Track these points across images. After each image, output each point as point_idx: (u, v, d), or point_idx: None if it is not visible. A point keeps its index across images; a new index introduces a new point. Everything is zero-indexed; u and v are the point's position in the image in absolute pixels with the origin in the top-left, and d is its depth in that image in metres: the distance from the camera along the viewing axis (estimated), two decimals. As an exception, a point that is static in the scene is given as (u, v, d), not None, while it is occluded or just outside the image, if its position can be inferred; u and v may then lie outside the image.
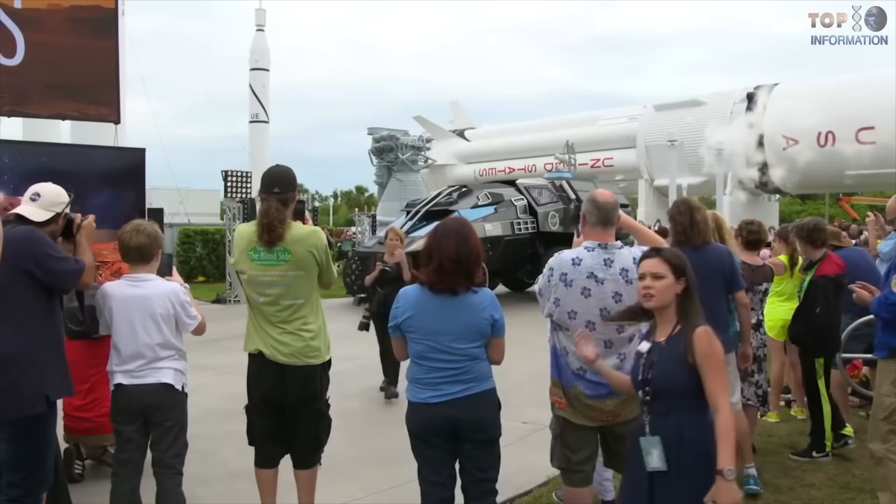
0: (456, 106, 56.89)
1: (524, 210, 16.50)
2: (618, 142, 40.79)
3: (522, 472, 4.92)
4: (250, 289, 3.67)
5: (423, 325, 3.20)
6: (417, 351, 3.25)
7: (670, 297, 2.85)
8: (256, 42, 37.87)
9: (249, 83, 37.21)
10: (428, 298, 3.21)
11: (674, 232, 4.42)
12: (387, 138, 40.30)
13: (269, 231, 3.58)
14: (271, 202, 3.63)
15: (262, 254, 3.63)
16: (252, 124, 37.10)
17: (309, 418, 3.76)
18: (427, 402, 3.21)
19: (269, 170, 3.86)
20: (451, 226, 3.27)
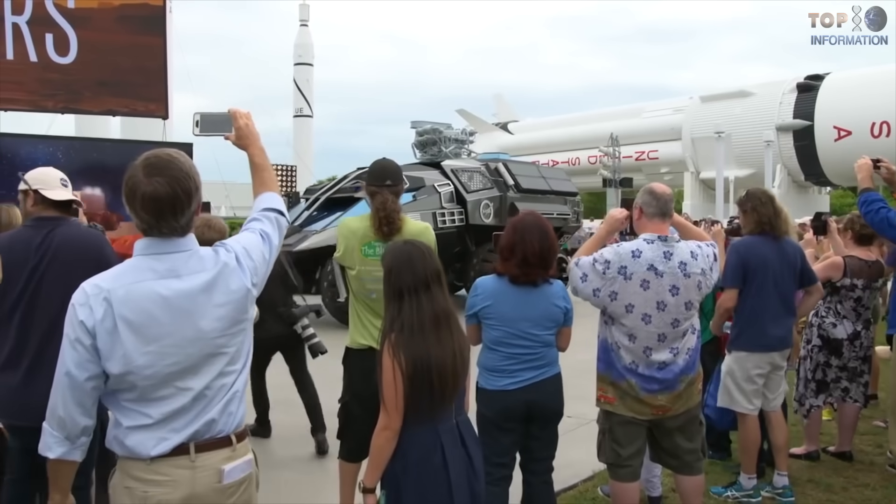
0: (499, 99, 56.69)
1: (450, 198, 13.68)
2: (663, 134, 40.25)
3: (567, 466, 4.86)
4: (360, 284, 3.66)
5: (502, 313, 3.36)
6: (495, 337, 3.39)
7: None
8: (300, 37, 38.24)
9: (294, 78, 37.60)
10: (507, 288, 3.38)
11: (755, 222, 4.36)
12: (430, 132, 40.22)
13: (388, 223, 3.60)
14: (385, 195, 3.64)
15: (377, 248, 3.62)
16: (296, 119, 37.50)
17: None
18: (505, 390, 3.36)
19: (377, 163, 3.86)
20: (532, 221, 3.40)
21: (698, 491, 3.69)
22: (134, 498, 1.89)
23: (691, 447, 3.62)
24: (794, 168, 35.41)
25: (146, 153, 1.95)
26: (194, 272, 1.95)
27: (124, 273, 1.90)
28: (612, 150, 33.65)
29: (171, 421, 1.91)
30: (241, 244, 2.08)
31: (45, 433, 1.86)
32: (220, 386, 1.98)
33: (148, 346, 1.87)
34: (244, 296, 2.03)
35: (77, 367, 1.84)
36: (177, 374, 1.91)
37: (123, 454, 1.91)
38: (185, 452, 1.91)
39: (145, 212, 1.88)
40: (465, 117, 47.62)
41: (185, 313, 1.91)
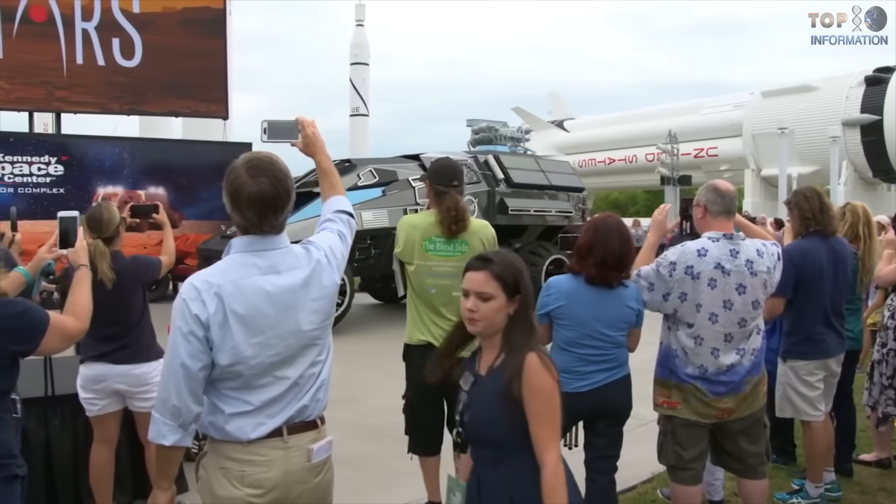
0: (554, 96, 56.27)
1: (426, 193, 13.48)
2: (722, 130, 39.33)
3: (626, 467, 4.78)
4: (419, 280, 3.71)
5: (576, 314, 3.38)
6: (568, 338, 3.41)
7: (501, 320, 2.19)
8: (356, 37, 38.54)
9: (350, 77, 37.92)
10: (582, 288, 3.39)
11: (801, 219, 4.24)
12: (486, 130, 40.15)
13: (457, 222, 3.66)
14: (454, 195, 3.71)
15: (438, 244, 3.69)
16: (352, 118, 37.80)
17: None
18: (578, 392, 3.35)
19: (442, 163, 3.92)
20: (613, 224, 3.42)
21: (762, 496, 3.60)
22: (230, 477, 2.01)
23: (755, 450, 3.54)
24: (862, 164, 34.23)
25: (245, 155, 2.06)
26: (292, 268, 2.08)
27: (231, 269, 2.00)
28: (671, 147, 33.06)
29: (268, 407, 2.04)
30: (327, 243, 2.21)
31: (157, 422, 1.95)
32: (311, 375, 2.12)
33: (254, 337, 1.99)
34: (335, 291, 2.19)
35: (191, 358, 1.93)
36: (277, 364, 2.04)
37: (220, 438, 2.04)
38: (278, 435, 2.04)
39: (250, 210, 1.99)
40: (521, 115, 47.37)
41: (287, 307, 2.04)
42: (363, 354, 8.76)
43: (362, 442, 5.36)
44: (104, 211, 3.75)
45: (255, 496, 2.01)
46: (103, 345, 3.72)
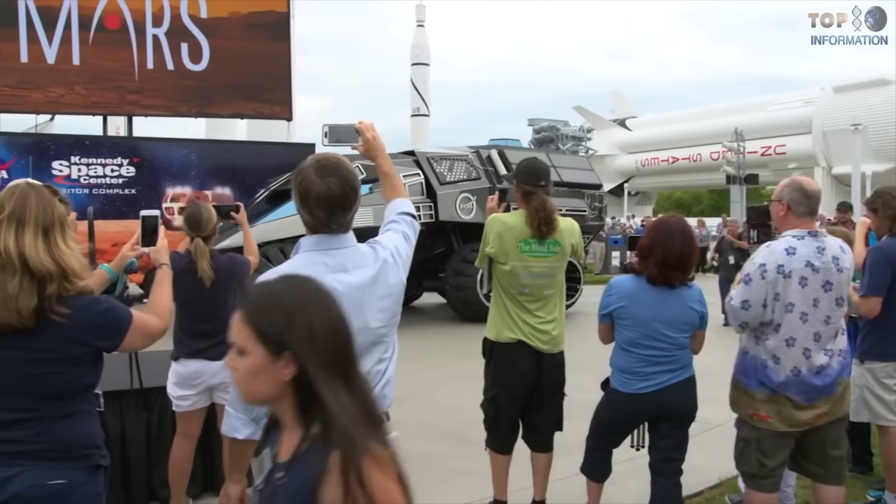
0: (616, 95, 55.59)
1: (419, 191, 11.96)
2: (791, 128, 38.25)
3: (693, 472, 4.70)
4: (512, 279, 3.73)
5: (637, 314, 3.40)
6: (629, 338, 3.44)
7: (270, 388, 1.39)
8: (417, 38, 38.81)
9: (411, 78, 38.21)
10: (644, 288, 3.41)
11: (891, 218, 4.09)
12: (547, 129, 40.20)
13: (547, 223, 3.67)
14: (542, 195, 3.72)
15: (532, 245, 3.71)
16: (413, 118, 38.09)
17: (555, 403, 3.90)
18: (640, 393, 3.42)
19: (529, 163, 3.93)
20: (676, 224, 3.43)
21: (839, 503, 3.48)
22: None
23: (838, 454, 3.44)
24: (940, 161, 32.90)
25: (313, 156, 2.11)
26: (359, 266, 2.11)
27: (302, 267, 2.01)
28: (737, 145, 32.31)
29: None
30: (393, 243, 2.24)
31: (231, 416, 2.00)
32: (377, 371, 2.15)
33: None
34: (401, 290, 2.22)
35: None
36: None
37: None
38: None
39: (319, 209, 2.03)
40: (583, 114, 46.98)
41: (356, 305, 2.03)
42: (425, 353, 8.80)
43: (424, 441, 5.38)
44: (203, 210, 3.86)
45: None
46: (200, 342, 3.82)
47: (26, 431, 2.00)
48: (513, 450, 3.95)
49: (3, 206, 1.99)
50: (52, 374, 2.02)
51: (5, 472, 1.96)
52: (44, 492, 1.97)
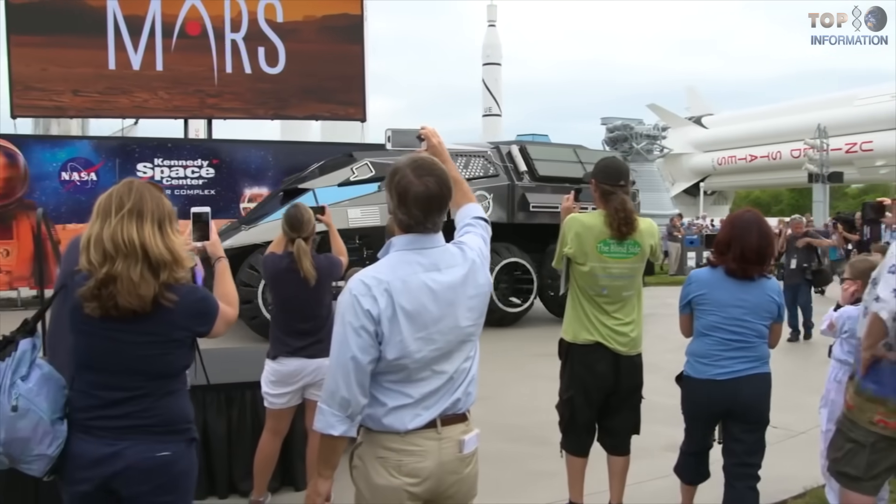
0: (692, 92, 54.36)
1: None
2: (879, 123, 36.64)
3: (775, 480, 4.56)
4: (591, 280, 3.70)
5: (716, 298, 3.49)
6: (710, 322, 3.50)
7: None
8: (488, 38, 38.80)
9: (482, 78, 38.22)
10: (722, 278, 3.51)
11: None
12: (621, 128, 39.57)
13: (626, 224, 3.63)
14: (622, 195, 3.68)
15: (612, 246, 3.67)
16: (485, 118, 38.10)
17: (633, 406, 3.86)
18: (715, 380, 3.45)
19: (608, 162, 3.89)
20: (751, 218, 3.52)
21: None
22: (388, 466, 2.10)
23: None
24: None
25: (408, 156, 2.18)
26: (451, 266, 2.16)
27: (397, 266, 2.09)
28: (820, 142, 31.15)
29: (426, 400, 2.13)
30: (476, 244, 2.29)
31: (325, 413, 2.05)
32: (464, 370, 2.20)
33: (419, 332, 2.08)
34: (489, 290, 2.26)
35: (361, 352, 2.03)
36: (436, 358, 2.12)
37: (377, 429, 2.12)
38: (433, 426, 2.13)
39: (417, 209, 2.08)
40: (657, 112, 46.11)
41: (448, 304, 2.12)
42: (498, 354, 8.77)
43: (500, 441, 5.35)
44: (303, 212, 3.94)
45: (412, 485, 2.10)
46: (299, 340, 3.88)
47: (136, 408, 2.17)
48: (589, 453, 3.90)
49: (124, 202, 2.16)
50: (160, 356, 2.20)
51: (118, 444, 2.14)
52: (152, 463, 2.17)
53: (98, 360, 2.17)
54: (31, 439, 2.10)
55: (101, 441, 2.14)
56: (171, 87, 15.38)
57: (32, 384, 2.13)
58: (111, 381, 2.17)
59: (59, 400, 2.18)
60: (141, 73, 15.28)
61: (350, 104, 16.47)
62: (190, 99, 15.52)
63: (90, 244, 2.13)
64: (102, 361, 2.17)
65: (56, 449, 2.13)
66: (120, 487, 2.16)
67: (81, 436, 2.15)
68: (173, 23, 15.34)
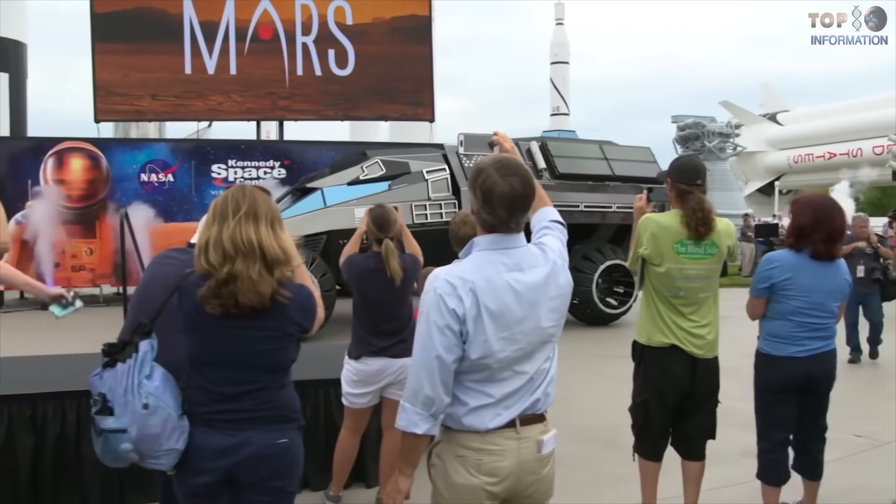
0: (766, 88, 52.82)
1: (444, 187, 10.86)
2: (969, 118, 34.94)
3: (857, 490, 4.41)
4: (667, 282, 3.64)
5: (802, 284, 3.59)
6: (793, 307, 3.62)
7: None
8: (556, 36, 38.51)
9: (550, 77, 37.97)
10: (805, 262, 3.61)
11: None
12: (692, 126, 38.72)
13: (704, 224, 3.57)
14: (698, 194, 3.62)
15: (689, 247, 3.61)
16: (553, 117, 37.81)
17: (709, 410, 3.78)
18: (793, 357, 3.60)
19: (685, 161, 3.85)
20: (829, 201, 3.72)
21: None
22: (467, 465, 2.12)
23: None
24: None
25: (491, 156, 2.20)
26: (533, 266, 2.17)
27: (482, 266, 2.11)
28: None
29: (506, 399, 2.14)
30: (556, 246, 2.30)
31: (409, 412, 2.08)
32: (544, 370, 2.21)
33: (502, 332, 2.09)
34: (570, 291, 2.27)
35: (446, 351, 2.05)
36: (518, 359, 2.13)
37: (457, 428, 2.14)
38: (512, 426, 2.14)
39: (502, 208, 2.09)
40: (730, 109, 44.94)
41: (531, 304, 2.13)
42: (566, 355, 8.63)
43: (571, 443, 5.30)
44: (389, 213, 3.99)
45: (491, 484, 2.11)
46: (383, 340, 3.92)
47: (255, 400, 2.29)
48: (662, 457, 3.83)
49: (240, 205, 2.26)
50: (275, 350, 2.32)
51: (241, 435, 2.26)
52: (273, 450, 2.29)
53: (218, 357, 2.27)
54: (160, 435, 2.20)
55: (224, 433, 2.25)
56: (244, 90, 15.77)
57: (158, 382, 2.24)
58: (231, 375, 2.27)
59: (179, 396, 2.28)
60: (215, 77, 15.72)
61: (418, 105, 16.60)
62: (262, 101, 15.89)
63: (209, 246, 2.22)
64: (222, 357, 2.27)
65: (183, 443, 2.24)
66: (242, 475, 2.27)
67: (203, 429, 2.26)
68: (246, 27, 15.73)
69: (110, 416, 2.21)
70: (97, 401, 2.25)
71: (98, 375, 2.27)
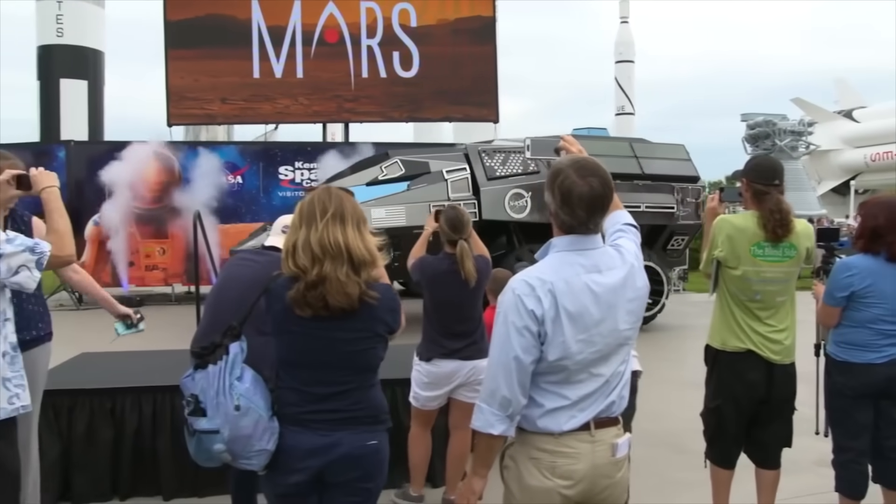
0: (841, 83, 51.05)
1: (464, 187, 10.69)
2: None
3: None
4: (743, 285, 3.57)
5: (883, 290, 3.46)
6: (874, 315, 3.48)
7: None
8: (621, 35, 37.98)
9: (615, 76, 37.48)
10: (883, 266, 3.47)
11: None
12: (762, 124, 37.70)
13: (782, 226, 3.50)
14: (776, 195, 3.55)
15: (766, 249, 3.53)
16: (618, 117, 37.29)
17: (785, 417, 3.70)
18: (872, 363, 3.46)
19: (761, 160, 3.77)
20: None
21: None
22: (541, 467, 2.11)
23: None
24: None
25: (569, 157, 2.23)
26: (610, 268, 2.15)
27: (560, 267, 2.11)
28: None
29: (581, 402, 2.13)
30: (632, 248, 2.29)
31: (485, 412, 2.09)
32: (619, 373, 2.19)
33: (581, 334, 2.08)
34: (646, 293, 2.25)
35: (524, 352, 2.05)
36: (595, 361, 2.12)
37: (531, 430, 2.13)
38: (586, 429, 2.12)
39: (582, 209, 2.09)
40: (802, 106, 43.58)
41: (610, 306, 2.12)
42: (631, 357, 8.59)
43: (638, 447, 5.21)
44: (462, 214, 4.02)
45: (565, 487, 2.09)
46: (455, 342, 3.93)
47: (346, 400, 2.31)
48: (735, 464, 3.74)
49: (327, 207, 2.28)
50: (365, 351, 2.34)
51: (333, 435, 2.28)
52: (363, 451, 2.31)
53: (308, 358, 2.29)
54: (252, 436, 2.23)
55: (316, 433, 2.27)
56: (310, 92, 16.05)
57: (248, 384, 2.28)
58: (322, 376, 2.30)
59: (269, 397, 2.31)
60: (282, 81, 16.04)
61: (483, 105, 16.62)
62: (328, 104, 16.14)
63: (298, 249, 2.24)
64: (313, 359, 2.29)
65: (273, 444, 2.27)
66: (332, 475, 2.29)
67: (295, 429, 2.28)
68: (312, 31, 16.01)
69: (203, 417, 2.26)
70: (189, 402, 2.29)
71: (190, 377, 2.32)
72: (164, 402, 4.19)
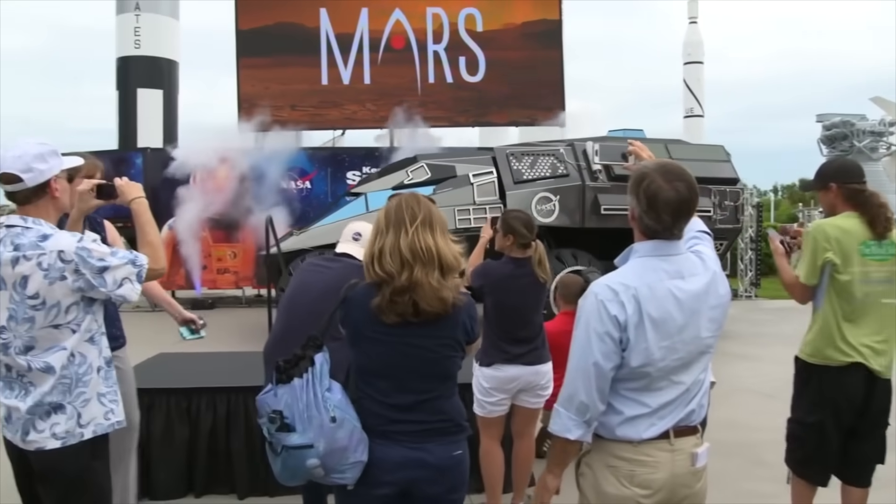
0: (924, 82, 48.99)
1: (490, 191, 10.58)
2: None
3: None
4: (850, 292, 3.42)
5: None
6: None
7: None
8: (690, 35, 37.22)
9: (683, 78, 36.76)
10: None
11: None
12: (839, 125, 36.48)
13: (889, 221, 3.43)
14: (872, 190, 3.50)
15: (872, 248, 3.43)
16: (686, 119, 36.54)
17: (881, 433, 3.55)
18: None
19: (843, 161, 3.74)
20: None
21: None
22: (619, 475, 2.08)
23: None
24: None
25: (655, 161, 2.20)
26: (693, 274, 2.13)
27: (644, 273, 2.08)
28: None
29: (661, 410, 2.09)
30: (713, 255, 2.27)
31: (563, 416, 2.08)
32: (699, 381, 2.16)
33: (663, 341, 2.05)
34: (728, 301, 2.21)
35: (605, 358, 2.03)
36: (676, 368, 2.09)
37: (609, 437, 2.11)
38: (666, 437, 2.09)
39: (667, 214, 2.06)
40: (882, 106, 41.87)
41: (693, 313, 2.09)
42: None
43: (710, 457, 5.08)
44: (530, 216, 4.02)
45: (644, 496, 2.06)
46: (518, 347, 3.90)
47: (431, 410, 2.27)
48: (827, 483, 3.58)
49: (416, 213, 2.26)
50: (448, 358, 2.30)
51: (421, 448, 2.23)
52: (450, 462, 2.27)
53: (391, 367, 2.24)
54: (348, 447, 2.16)
55: (404, 445, 2.22)
56: (377, 98, 16.24)
57: (340, 395, 2.20)
58: (405, 385, 2.24)
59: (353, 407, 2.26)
60: (350, 87, 16.27)
61: (549, 109, 16.54)
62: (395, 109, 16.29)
63: (384, 254, 2.20)
64: (396, 367, 2.24)
65: (366, 454, 2.20)
66: (419, 488, 2.24)
67: (381, 441, 2.22)
68: (379, 38, 16.20)
69: (293, 433, 2.15)
70: (274, 418, 2.17)
71: (272, 392, 2.20)
72: (237, 402, 4.28)
